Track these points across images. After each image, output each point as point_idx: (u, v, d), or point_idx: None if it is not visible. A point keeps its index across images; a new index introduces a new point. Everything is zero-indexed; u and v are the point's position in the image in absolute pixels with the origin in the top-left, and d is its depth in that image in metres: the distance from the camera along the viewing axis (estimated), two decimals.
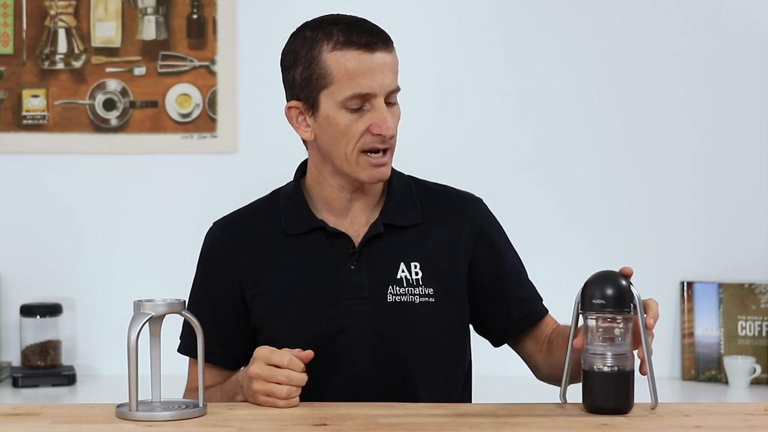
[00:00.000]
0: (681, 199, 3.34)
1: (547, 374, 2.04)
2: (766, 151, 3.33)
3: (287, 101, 1.99)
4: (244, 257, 1.98)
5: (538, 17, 3.34)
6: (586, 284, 1.75)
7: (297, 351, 1.81)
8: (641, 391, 1.95)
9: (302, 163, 2.05)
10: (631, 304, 1.75)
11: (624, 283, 1.76)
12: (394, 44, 1.92)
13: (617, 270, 1.78)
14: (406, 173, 2.06)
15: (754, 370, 3.18)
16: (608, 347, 1.72)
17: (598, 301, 1.73)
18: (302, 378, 1.78)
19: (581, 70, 3.33)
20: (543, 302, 2.08)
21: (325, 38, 1.91)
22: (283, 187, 2.06)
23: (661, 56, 3.33)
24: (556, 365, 1.97)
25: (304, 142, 2.00)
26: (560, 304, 3.31)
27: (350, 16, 1.94)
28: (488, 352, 2.21)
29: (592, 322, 1.74)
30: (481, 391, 2.14)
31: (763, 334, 3.23)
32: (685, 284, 3.29)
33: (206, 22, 3.30)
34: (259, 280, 1.97)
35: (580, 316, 1.75)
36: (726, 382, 3.21)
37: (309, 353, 1.80)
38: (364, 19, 1.93)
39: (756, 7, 3.32)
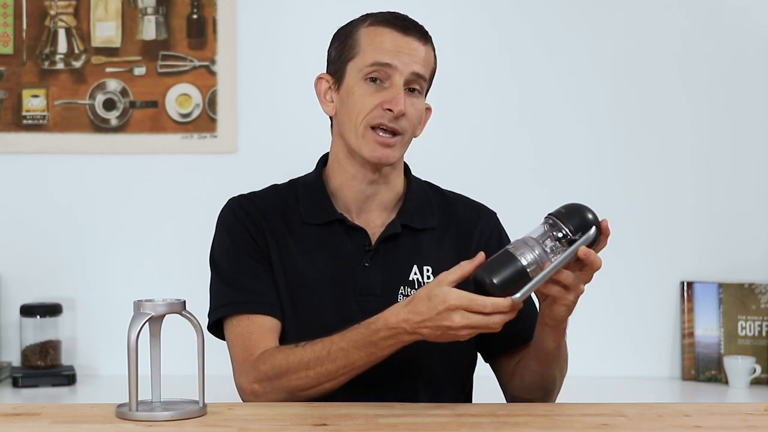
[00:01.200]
0: (681, 199, 3.34)
1: (516, 393, 2.00)
2: (766, 151, 3.33)
3: None
4: (269, 228, 1.97)
5: (538, 17, 3.34)
6: (571, 206, 1.78)
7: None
8: (641, 392, 1.97)
9: (324, 155, 2.06)
10: (579, 234, 1.76)
11: (591, 218, 1.80)
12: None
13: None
14: (436, 182, 2.10)
15: (754, 370, 3.18)
16: (537, 246, 1.71)
17: (561, 211, 1.76)
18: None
19: (581, 71, 3.34)
20: None
21: (367, 18, 1.97)
22: (300, 177, 2.06)
23: (661, 56, 3.33)
24: (524, 380, 1.95)
25: (331, 122, 2.01)
26: None
27: (404, 15, 1.99)
28: None
29: (544, 227, 1.75)
30: (481, 391, 2.14)
31: (763, 334, 3.23)
32: (685, 284, 3.30)
33: (206, 22, 3.30)
34: (278, 261, 1.96)
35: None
36: (726, 382, 3.21)
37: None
38: (412, 19, 1.99)
39: (756, 7, 3.32)
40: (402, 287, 1.96)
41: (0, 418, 1.70)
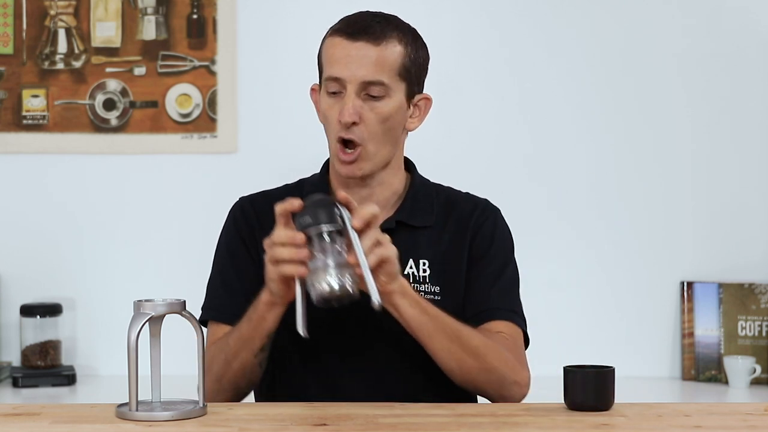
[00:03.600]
0: (681, 199, 3.34)
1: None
2: (766, 151, 3.33)
3: None
4: (266, 230, 1.98)
5: (538, 17, 3.34)
6: (308, 211, 1.76)
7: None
8: (641, 392, 1.97)
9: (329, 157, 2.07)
10: (338, 218, 1.75)
11: (327, 199, 1.77)
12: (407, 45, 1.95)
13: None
14: (436, 178, 2.11)
15: (754, 370, 3.18)
16: (329, 258, 1.71)
17: (308, 220, 1.75)
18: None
19: (581, 70, 3.34)
20: (516, 320, 2.02)
21: (331, 27, 1.98)
22: (309, 177, 2.09)
23: (661, 56, 3.33)
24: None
25: None
26: (560, 303, 3.33)
27: (367, 11, 1.99)
28: None
29: (318, 245, 1.74)
30: None
31: (763, 334, 3.23)
32: (685, 284, 3.30)
33: (206, 22, 3.30)
34: None
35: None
36: (726, 382, 3.21)
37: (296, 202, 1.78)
38: (374, 14, 1.98)
39: (756, 7, 3.32)
40: None
41: (0, 418, 1.70)
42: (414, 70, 1.97)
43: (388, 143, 1.97)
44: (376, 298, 1.72)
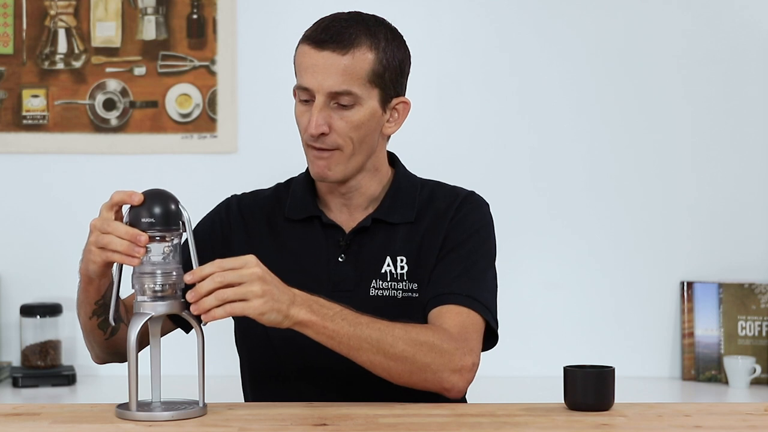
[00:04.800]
0: (681, 199, 3.33)
1: None
2: (766, 150, 3.33)
3: None
4: (246, 233, 2.03)
5: (538, 17, 3.33)
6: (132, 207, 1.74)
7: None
8: (641, 392, 1.98)
9: None
10: (180, 222, 1.73)
11: (172, 202, 1.74)
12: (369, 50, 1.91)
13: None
14: (423, 177, 2.08)
15: (754, 370, 3.18)
16: (158, 266, 1.72)
17: (147, 220, 1.72)
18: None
19: (581, 70, 3.33)
20: (475, 306, 1.91)
21: (305, 30, 1.98)
22: (297, 175, 2.09)
23: (660, 56, 3.33)
24: None
25: None
26: (560, 303, 3.33)
27: (342, 13, 1.97)
28: (489, 352, 2.20)
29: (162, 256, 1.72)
30: (481, 391, 2.14)
31: (763, 334, 3.23)
32: (685, 284, 3.29)
33: (206, 22, 3.30)
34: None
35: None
36: (726, 382, 3.21)
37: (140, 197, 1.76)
38: (346, 18, 1.94)
39: (756, 7, 3.32)
40: (374, 280, 1.96)
41: (0, 418, 1.70)
42: (388, 75, 1.94)
43: (362, 151, 1.95)
44: (198, 312, 1.68)
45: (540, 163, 3.34)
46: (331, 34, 1.91)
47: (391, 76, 1.94)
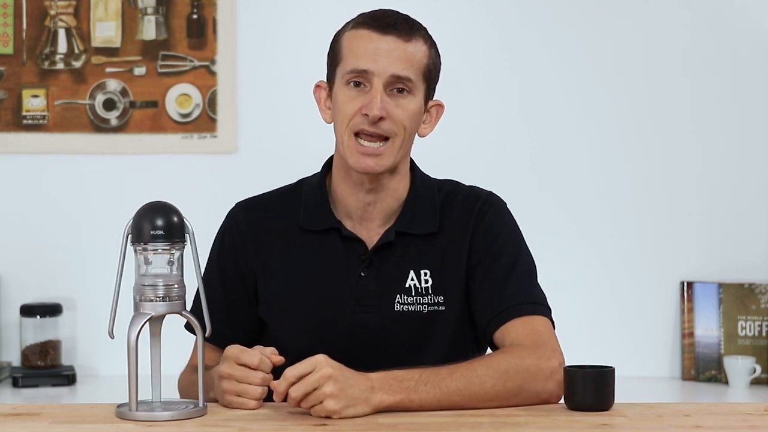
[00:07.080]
0: (681, 199, 3.34)
1: None
2: (767, 151, 3.33)
3: None
4: (260, 247, 1.97)
5: (538, 17, 3.34)
6: (136, 216, 1.75)
7: (270, 350, 1.77)
8: (641, 392, 1.97)
9: (330, 157, 2.02)
10: (186, 234, 1.74)
11: (176, 214, 1.74)
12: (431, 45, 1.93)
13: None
14: (437, 177, 2.04)
15: (754, 370, 3.18)
16: (161, 278, 1.73)
17: (155, 233, 1.73)
18: (270, 379, 1.75)
19: (581, 70, 3.33)
20: (539, 310, 1.93)
21: (352, 21, 1.93)
22: (307, 177, 2.03)
23: (661, 56, 3.33)
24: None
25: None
26: (561, 303, 3.32)
27: (393, 10, 1.95)
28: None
29: (145, 255, 1.74)
30: None
31: (763, 334, 3.23)
32: (685, 284, 3.29)
33: (206, 22, 3.30)
34: (271, 275, 1.95)
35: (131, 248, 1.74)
36: (726, 382, 3.21)
37: (280, 359, 1.76)
38: (402, 14, 1.93)
39: (756, 7, 3.32)
40: (399, 295, 1.92)
41: (0, 418, 1.70)
42: (434, 73, 1.95)
43: (407, 144, 1.92)
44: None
45: (540, 163, 3.34)
46: (392, 21, 1.89)
47: (435, 75, 1.96)
